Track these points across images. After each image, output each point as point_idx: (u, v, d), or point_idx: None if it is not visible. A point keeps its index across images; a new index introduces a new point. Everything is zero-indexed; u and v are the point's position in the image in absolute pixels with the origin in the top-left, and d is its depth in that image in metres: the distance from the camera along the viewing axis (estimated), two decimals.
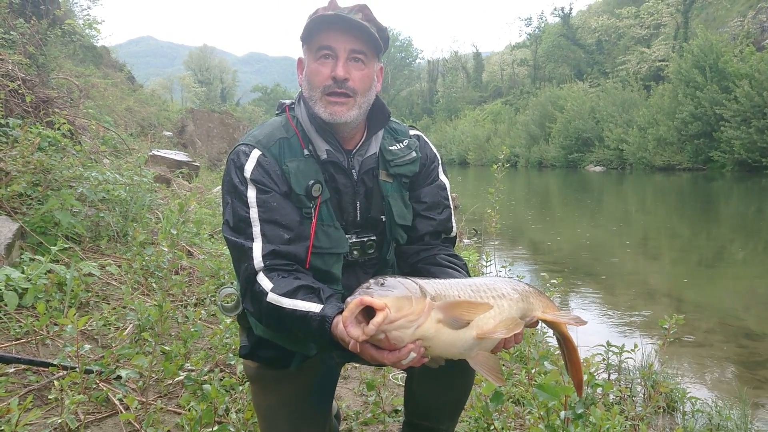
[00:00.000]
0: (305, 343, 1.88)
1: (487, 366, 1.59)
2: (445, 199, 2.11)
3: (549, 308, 1.79)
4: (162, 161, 10.38)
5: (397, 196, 2.02)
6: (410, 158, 2.05)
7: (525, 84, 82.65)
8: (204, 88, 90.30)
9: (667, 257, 10.98)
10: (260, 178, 1.84)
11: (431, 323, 1.45)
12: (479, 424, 2.82)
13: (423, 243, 2.06)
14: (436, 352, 1.52)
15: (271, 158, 1.88)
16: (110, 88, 19.07)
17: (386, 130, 2.07)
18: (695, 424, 3.58)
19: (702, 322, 6.33)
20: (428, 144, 2.15)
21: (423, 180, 2.09)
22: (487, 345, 1.60)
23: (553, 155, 56.78)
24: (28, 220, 4.43)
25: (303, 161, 1.90)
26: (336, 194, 1.95)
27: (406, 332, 1.42)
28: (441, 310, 1.48)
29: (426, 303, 1.45)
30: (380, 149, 2.02)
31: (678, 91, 42.42)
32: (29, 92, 5.91)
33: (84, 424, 2.56)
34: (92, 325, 3.56)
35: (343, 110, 1.85)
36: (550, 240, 12.80)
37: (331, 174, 1.94)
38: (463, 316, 1.50)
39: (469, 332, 1.53)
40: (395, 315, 1.38)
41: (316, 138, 1.93)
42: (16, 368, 2.92)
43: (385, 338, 1.41)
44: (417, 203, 2.06)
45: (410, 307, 1.41)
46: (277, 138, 1.93)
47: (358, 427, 2.82)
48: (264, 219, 1.80)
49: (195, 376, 2.93)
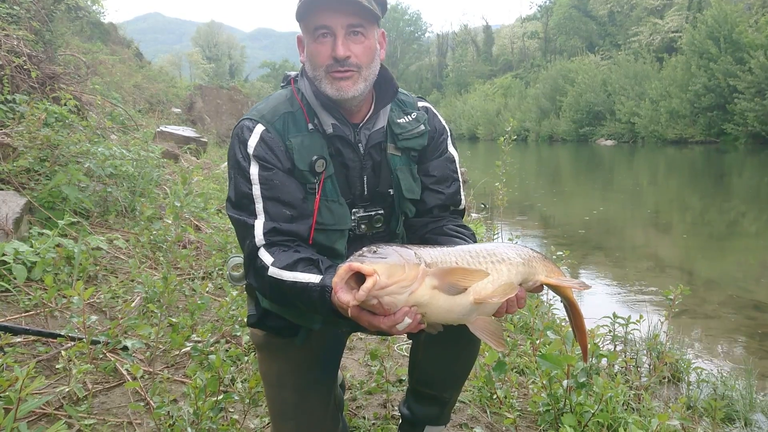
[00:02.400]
0: (310, 317, 1.89)
1: (488, 331, 1.59)
2: (454, 172, 2.09)
3: (553, 273, 1.78)
4: (170, 137, 10.39)
5: (405, 169, 2.00)
6: (419, 131, 2.02)
7: (535, 57, 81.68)
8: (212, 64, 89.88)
9: (678, 231, 10.91)
10: (263, 154, 1.83)
11: (425, 289, 1.46)
12: (482, 393, 2.84)
13: (431, 216, 2.05)
14: (432, 317, 1.52)
15: (274, 133, 1.86)
16: (118, 64, 19.05)
17: (395, 102, 2.03)
18: (700, 394, 3.59)
19: (712, 295, 6.31)
20: (437, 116, 2.11)
21: (432, 153, 2.06)
22: (486, 310, 1.60)
23: (563, 129, 56.30)
24: (36, 195, 4.46)
25: (307, 136, 1.88)
26: (343, 169, 1.93)
27: (398, 298, 1.42)
28: (435, 276, 1.48)
29: (420, 270, 1.45)
30: (388, 122, 1.99)
31: (691, 63, 41.81)
32: (35, 68, 5.91)
33: (92, 393, 2.61)
34: (100, 297, 3.60)
35: (349, 85, 1.83)
36: (559, 214, 12.76)
37: (338, 148, 1.92)
38: (459, 282, 1.50)
39: (466, 298, 1.53)
40: (386, 281, 1.39)
41: (322, 112, 1.91)
42: (26, 339, 2.96)
43: (377, 304, 1.42)
44: (425, 177, 2.04)
45: (402, 273, 1.42)
46: (281, 112, 1.90)
47: (362, 395, 2.85)
48: (266, 196, 1.80)
49: (201, 347, 2.96)
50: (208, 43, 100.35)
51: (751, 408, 3.48)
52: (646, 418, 2.64)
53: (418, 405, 2.14)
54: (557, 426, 2.52)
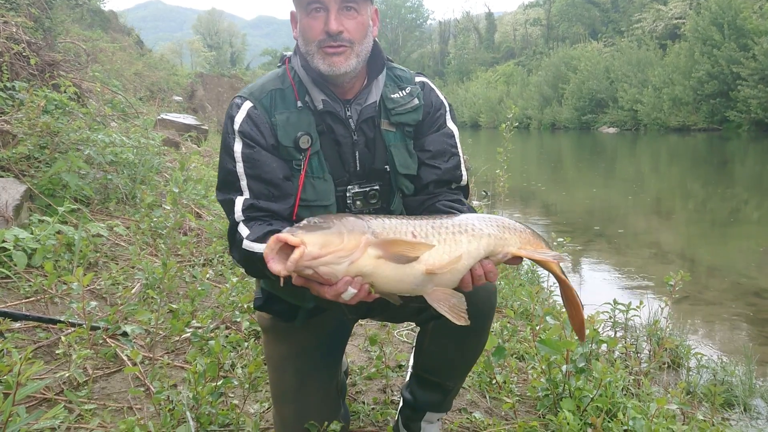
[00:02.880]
0: (301, 295, 1.89)
1: (446, 303, 1.57)
2: (453, 146, 2.03)
3: (529, 245, 1.73)
4: (171, 125, 10.37)
5: (400, 145, 1.97)
6: (412, 106, 1.99)
7: (538, 44, 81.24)
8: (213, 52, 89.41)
9: (681, 218, 10.89)
10: (248, 130, 1.84)
11: (368, 259, 1.46)
12: (482, 378, 2.85)
13: (427, 192, 2.01)
14: (382, 288, 1.52)
15: (261, 110, 1.87)
16: (118, 52, 18.98)
17: (390, 78, 2.01)
18: (699, 379, 3.60)
19: (713, 282, 6.31)
20: (434, 91, 2.07)
21: (428, 128, 2.02)
22: (444, 281, 1.57)
23: (566, 117, 56.10)
24: (36, 183, 4.45)
25: (294, 113, 1.88)
26: (335, 145, 1.92)
27: (337, 268, 1.44)
28: (378, 247, 1.48)
29: (362, 240, 1.46)
30: (382, 97, 1.96)
31: (694, 50, 41.55)
32: (34, 55, 5.88)
33: (92, 378, 2.62)
34: (100, 284, 3.60)
35: (341, 60, 1.81)
36: (561, 201, 12.73)
37: (329, 124, 1.91)
38: (403, 253, 1.49)
39: (417, 268, 1.51)
40: (318, 251, 1.40)
41: (313, 88, 1.90)
42: (26, 326, 2.97)
43: (315, 273, 1.44)
44: (421, 152, 2.01)
45: (339, 243, 1.43)
46: (269, 89, 1.91)
47: (361, 381, 2.86)
48: (249, 174, 1.82)
49: (201, 333, 2.97)
50: (209, 31, 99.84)
51: (751, 393, 3.49)
52: (645, 403, 2.64)
53: (421, 391, 2.14)
54: (556, 410, 2.52)
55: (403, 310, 2.12)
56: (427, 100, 2.03)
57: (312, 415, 2.05)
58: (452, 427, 2.47)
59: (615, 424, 2.33)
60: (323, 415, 2.06)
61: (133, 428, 2.09)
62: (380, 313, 2.23)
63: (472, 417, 2.55)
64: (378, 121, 1.96)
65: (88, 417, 2.33)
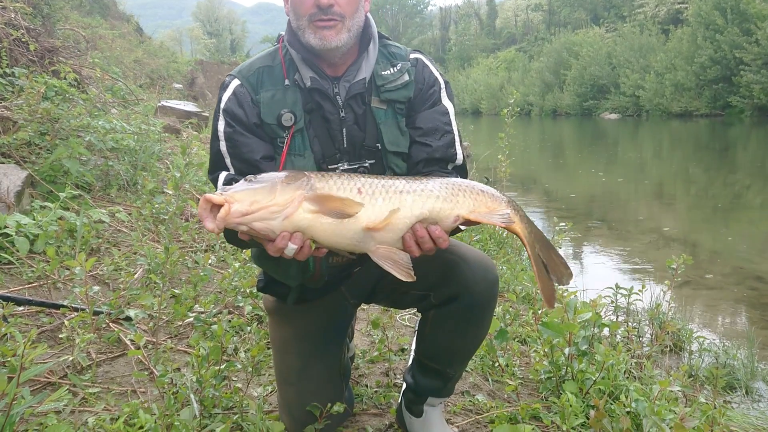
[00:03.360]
0: (284, 271, 1.92)
1: (390, 260, 1.57)
2: (446, 124, 1.98)
3: (486, 208, 1.67)
4: (171, 112, 10.33)
5: (390, 122, 1.95)
6: (402, 82, 1.95)
7: (539, 30, 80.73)
8: (213, 39, 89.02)
9: (683, 204, 10.87)
10: (232, 109, 1.86)
11: (303, 214, 1.49)
12: (484, 361, 2.85)
13: (418, 171, 1.96)
14: (323, 243, 1.54)
15: (247, 88, 1.89)
16: (118, 39, 18.86)
17: (383, 55, 1.98)
18: (701, 363, 3.60)
19: (715, 266, 6.30)
20: (428, 67, 2.02)
21: (420, 105, 1.98)
22: (385, 238, 1.57)
23: (567, 103, 55.90)
24: (38, 169, 4.45)
25: (281, 90, 1.88)
26: (324, 122, 1.91)
27: (271, 223, 1.48)
28: (312, 202, 1.50)
29: (295, 195, 1.48)
30: (372, 74, 1.94)
31: (697, 35, 41.29)
32: (33, 41, 5.85)
33: (96, 362, 2.62)
34: (103, 270, 3.60)
35: (332, 34, 1.80)
36: (563, 187, 12.71)
37: (318, 102, 1.90)
38: (338, 209, 1.50)
39: (356, 224, 1.52)
40: (248, 208, 1.45)
41: (302, 66, 1.89)
42: (30, 311, 2.98)
43: (250, 229, 1.47)
44: (413, 129, 1.97)
45: (270, 199, 1.47)
46: (257, 67, 1.92)
47: (364, 364, 2.87)
48: (231, 153, 1.87)
49: (204, 317, 2.97)
50: (208, 18, 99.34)
51: (753, 377, 3.49)
52: (647, 385, 2.65)
53: (422, 376, 2.15)
54: (559, 393, 2.53)
55: (405, 296, 2.13)
56: (419, 76, 1.99)
57: (315, 397, 2.06)
58: (455, 409, 2.48)
59: (617, 406, 2.33)
60: (326, 397, 2.06)
61: (137, 411, 2.10)
62: (383, 299, 2.24)
63: (474, 400, 2.56)
64: (368, 98, 1.94)
65: (93, 400, 2.34)
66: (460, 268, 1.94)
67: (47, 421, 2.08)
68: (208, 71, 25.17)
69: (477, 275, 1.93)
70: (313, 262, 1.89)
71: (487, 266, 1.96)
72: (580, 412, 2.31)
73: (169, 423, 1.93)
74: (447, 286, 1.95)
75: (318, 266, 1.91)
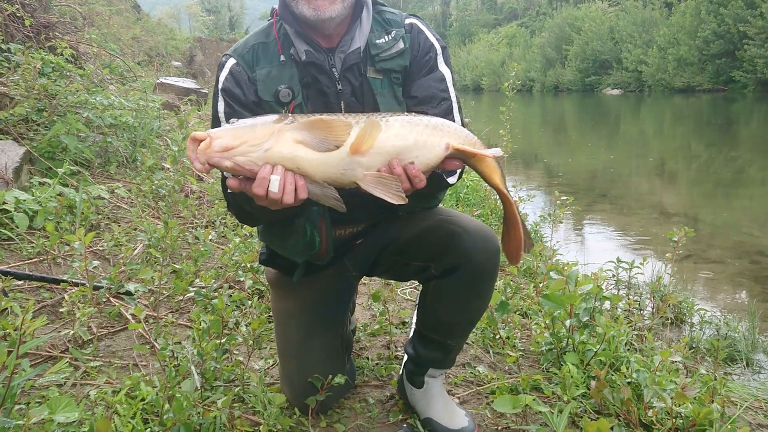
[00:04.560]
0: (291, 247, 1.92)
1: (380, 185, 1.54)
2: (443, 91, 1.92)
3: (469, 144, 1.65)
4: (170, 89, 10.26)
5: (387, 93, 1.90)
6: (397, 50, 1.90)
7: (541, 5, 79.84)
8: (212, 16, 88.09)
9: (684, 179, 10.83)
10: (229, 88, 1.85)
11: (286, 144, 1.49)
12: (485, 334, 2.86)
13: None
14: (309, 174, 1.51)
15: (243, 66, 1.86)
16: (115, 16, 18.62)
17: (377, 22, 1.93)
18: (702, 335, 3.61)
19: (716, 240, 6.29)
20: (423, 32, 1.96)
21: (416, 72, 1.93)
22: (373, 164, 1.54)
23: (569, 79, 55.53)
24: (36, 146, 4.42)
25: (276, 67, 1.85)
26: (322, 96, 1.88)
27: (254, 155, 1.48)
28: (297, 130, 1.49)
29: (275, 127, 1.49)
30: (367, 44, 1.89)
31: (701, 8, 40.86)
32: (29, 16, 5.77)
33: (97, 337, 2.63)
34: (103, 246, 3.59)
35: (326, 4, 1.76)
36: (564, 163, 12.65)
37: (314, 76, 1.86)
38: (322, 134, 1.49)
39: (342, 149, 1.50)
40: (231, 142, 1.47)
41: (297, 40, 1.86)
42: (30, 286, 2.97)
43: (234, 165, 1.48)
44: (409, 98, 1.92)
45: (252, 133, 1.48)
46: (251, 44, 1.90)
47: (366, 337, 2.87)
48: None
49: (205, 292, 2.97)
50: None
51: (753, 349, 3.50)
52: (648, 357, 2.65)
53: (423, 347, 2.14)
54: (559, 365, 2.53)
55: (406, 268, 2.12)
56: (414, 42, 1.94)
57: (316, 369, 2.06)
58: (456, 381, 2.49)
59: (618, 377, 2.34)
60: (327, 369, 2.07)
61: (139, 383, 2.11)
62: (385, 271, 2.23)
63: (475, 371, 2.56)
64: (364, 69, 1.89)
65: (94, 374, 2.34)
66: (460, 239, 1.92)
67: (49, 393, 2.09)
68: (206, 48, 24.94)
69: (478, 245, 1.92)
70: (319, 237, 1.87)
71: (487, 236, 1.95)
72: (581, 383, 2.31)
73: (170, 395, 1.93)
74: (447, 256, 1.94)
75: (324, 241, 1.89)
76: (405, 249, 2.06)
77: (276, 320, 2.21)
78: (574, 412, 2.24)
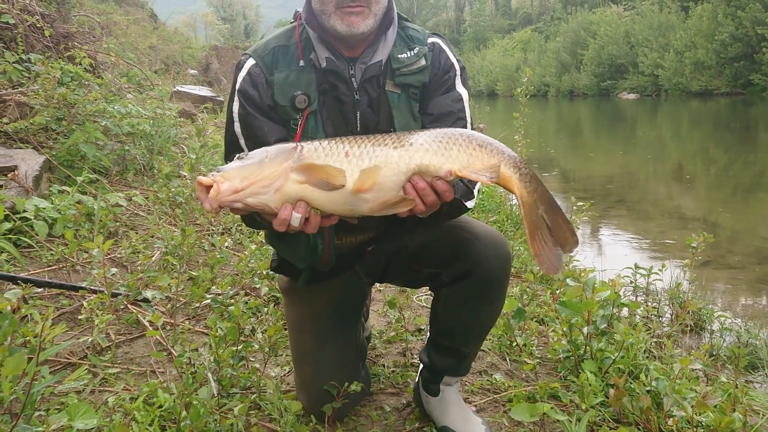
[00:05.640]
0: (293, 252, 1.93)
1: (389, 208, 1.54)
2: (460, 110, 1.93)
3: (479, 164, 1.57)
4: (186, 97, 10.36)
5: (403, 107, 1.91)
6: (418, 67, 1.91)
7: (556, 9, 79.58)
8: (227, 25, 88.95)
9: (702, 184, 10.70)
10: (246, 90, 1.85)
11: (293, 185, 1.48)
12: (502, 341, 2.84)
13: None
14: (323, 209, 1.53)
15: (261, 68, 1.86)
16: (132, 26, 18.88)
17: (401, 37, 1.94)
18: (723, 342, 3.56)
19: (736, 246, 6.21)
20: (445, 52, 1.98)
21: (434, 90, 1.93)
22: (378, 198, 1.52)
23: (584, 83, 55.22)
24: (55, 154, 4.48)
25: (294, 72, 1.85)
26: (338, 104, 1.88)
27: (263, 198, 1.47)
28: (299, 172, 1.48)
29: (282, 166, 1.48)
30: (389, 57, 1.90)
31: (718, 11, 40.47)
32: (48, 27, 5.87)
33: (115, 344, 2.65)
34: (120, 253, 3.63)
35: (360, 20, 1.77)
36: (580, 168, 12.58)
37: (332, 83, 1.87)
38: (322, 179, 1.48)
39: (345, 188, 1.49)
40: (239, 185, 1.45)
41: (318, 46, 1.86)
42: (49, 293, 3.01)
43: (246, 206, 1.48)
44: (424, 115, 1.93)
45: (259, 174, 1.47)
46: (272, 47, 1.89)
47: (381, 344, 2.86)
48: (245, 135, 1.86)
49: (221, 298, 2.99)
50: (222, 3, 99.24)
51: None
52: (668, 365, 2.61)
53: (437, 355, 2.14)
54: (577, 372, 2.51)
55: (417, 275, 2.12)
56: (435, 61, 1.95)
57: (332, 376, 2.06)
58: (473, 388, 2.47)
59: (637, 385, 2.31)
60: (343, 376, 2.06)
61: (157, 390, 2.12)
62: (396, 278, 2.23)
63: (492, 379, 2.54)
64: (383, 81, 1.90)
65: (112, 380, 2.36)
66: (471, 245, 1.92)
67: (68, 400, 2.11)
68: (222, 57, 25.15)
69: (488, 251, 1.91)
70: (322, 245, 1.88)
71: (498, 242, 1.94)
72: (600, 391, 2.28)
73: (187, 402, 1.93)
74: (458, 263, 1.93)
75: (327, 249, 1.90)
76: (416, 255, 2.06)
77: (290, 327, 2.21)
78: (593, 420, 2.21)
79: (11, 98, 4.73)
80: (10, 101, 4.70)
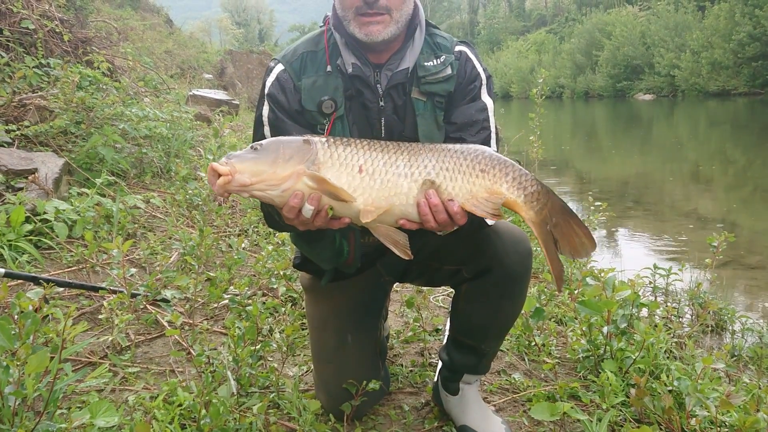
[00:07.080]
0: (318, 253, 1.95)
1: (389, 239, 1.59)
2: (484, 120, 1.92)
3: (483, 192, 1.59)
4: (202, 101, 10.43)
5: (428, 115, 1.90)
6: (444, 76, 1.90)
7: (570, 10, 79.09)
8: (242, 29, 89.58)
9: (720, 184, 10.58)
10: (275, 94, 1.86)
11: (302, 187, 1.50)
12: (520, 341, 2.82)
13: None
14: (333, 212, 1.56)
15: (290, 73, 1.87)
16: (148, 31, 19.07)
17: (428, 45, 1.93)
18: (745, 342, 3.51)
19: (756, 247, 6.13)
20: (471, 61, 1.96)
21: (459, 99, 1.93)
22: (385, 221, 1.58)
23: (600, 85, 54.78)
24: (74, 157, 4.53)
25: (322, 77, 1.85)
26: (363, 110, 1.89)
27: (270, 194, 1.51)
28: (311, 180, 1.51)
29: (295, 171, 1.50)
30: (415, 65, 1.89)
31: (735, 11, 39.98)
32: (67, 32, 5.94)
33: (134, 343, 2.67)
34: (139, 254, 3.66)
35: (379, 29, 1.77)
36: (597, 170, 12.49)
37: (358, 89, 1.87)
38: (333, 194, 1.51)
39: (353, 204, 1.54)
40: (248, 180, 1.48)
41: (345, 51, 1.87)
42: (70, 293, 3.04)
43: (252, 196, 1.53)
44: (449, 124, 1.93)
45: (270, 173, 1.49)
46: (300, 52, 1.90)
47: (399, 344, 2.86)
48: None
49: (239, 299, 3.00)
50: (236, 8, 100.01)
51: None
52: (689, 364, 2.58)
53: (457, 353, 2.13)
54: (597, 372, 2.49)
55: (438, 272, 2.11)
56: (461, 69, 1.94)
57: (352, 374, 2.06)
58: (491, 388, 2.46)
59: (659, 384, 2.28)
60: (363, 374, 2.06)
61: (176, 389, 2.13)
62: (417, 276, 2.22)
63: (511, 379, 2.53)
64: (409, 89, 1.90)
65: (132, 379, 2.38)
66: (491, 241, 1.92)
67: (89, 398, 2.12)
68: (237, 61, 25.30)
69: (509, 247, 1.91)
70: (347, 247, 1.88)
71: (519, 238, 1.94)
72: (620, 391, 2.26)
73: (207, 401, 1.94)
74: (479, 259, 1.93)
75: (352, 250, 1.91)
76: (437, 253, 2.06)
77: (311, 326, 2.21)
78: (614, 420, 2.19)
79: (31, 102, 4.79)
80: (30, 105, 4.77)
